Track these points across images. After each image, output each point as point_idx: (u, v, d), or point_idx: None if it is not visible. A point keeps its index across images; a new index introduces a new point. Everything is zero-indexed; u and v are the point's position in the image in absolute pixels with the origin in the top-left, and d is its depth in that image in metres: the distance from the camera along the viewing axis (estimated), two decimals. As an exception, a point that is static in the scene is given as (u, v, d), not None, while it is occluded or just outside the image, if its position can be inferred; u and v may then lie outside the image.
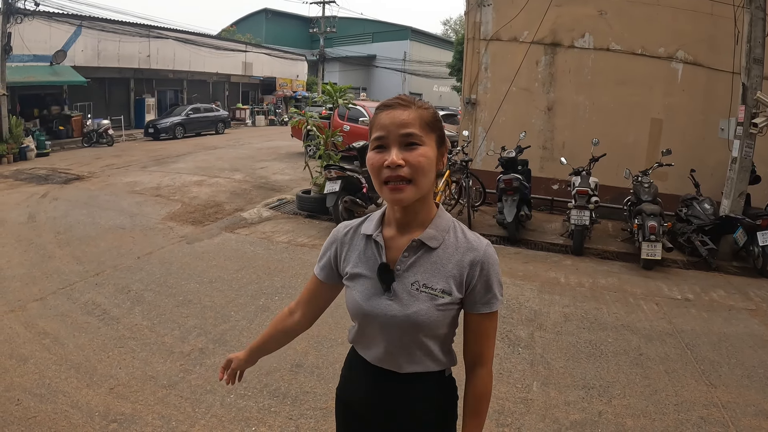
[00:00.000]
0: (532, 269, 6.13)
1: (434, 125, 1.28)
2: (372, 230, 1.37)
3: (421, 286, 1.29)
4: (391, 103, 1.28)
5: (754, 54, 6.33)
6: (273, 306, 4.77)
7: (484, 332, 1.34)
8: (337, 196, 7.36)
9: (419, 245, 1.31)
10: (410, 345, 1.32)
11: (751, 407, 3.36)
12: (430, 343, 1.33)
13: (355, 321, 1.42)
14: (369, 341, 1.39)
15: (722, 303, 5.28)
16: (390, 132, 1.23)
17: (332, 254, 1.46)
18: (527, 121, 8.96)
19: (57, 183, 10.87)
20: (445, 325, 1.32)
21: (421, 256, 1.31)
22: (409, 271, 1.31)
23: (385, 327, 1.32)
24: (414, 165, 1.22)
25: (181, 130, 20.96)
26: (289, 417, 3.11)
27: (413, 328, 1.29)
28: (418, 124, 1.24)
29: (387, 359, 1.35)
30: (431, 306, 1.28)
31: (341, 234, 1.45)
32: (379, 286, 1.32)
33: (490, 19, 9.21)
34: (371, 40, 40.57)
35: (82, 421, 3.00)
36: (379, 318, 1.32)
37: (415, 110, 1.26)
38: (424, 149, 1.24)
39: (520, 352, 4.04)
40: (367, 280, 1.35)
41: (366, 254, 1.37)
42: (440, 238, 1.31)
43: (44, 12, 17.49)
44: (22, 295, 4.91)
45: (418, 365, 1.34)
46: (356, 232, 1.43)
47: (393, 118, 1.24)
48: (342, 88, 9.16)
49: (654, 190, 6.73)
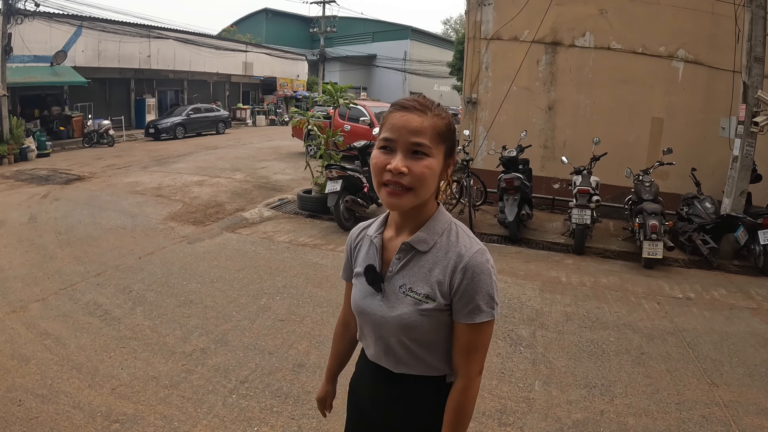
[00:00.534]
0: (533, 268, 6.13)
1: (446, 136, 1.25)
2: (373, 231, 1.39)
3: (407, 290, 1.29)
4: (408, 104, 1.24)
5: (755, 52, 6.32)
6: (274, 306, 4.77)
7: (466, 344, 1.27)
8: (338, 195, 7.36)
9: (408, 248, 1.30)
10: (398, 347, 1.32)
11: (753, 406, 3.36)
12: (415, 346, 1.30)
13: (356, 319, 1.45)
14: (366, 338, 1.42)
15: (724, 302, 5.28)
16: (400, 136, 1.21)
17: (348, 256, 1.51)
18: (528, 120, 8.96)
19: (58, 183, 10.88)
20: (429, 330, 1.28)
21: (411, 258, 1.31)
22: (399, 273, 1.31)
23: (375, 326, 1.34)
24: (417, 175, 1.20)
25: (181, 130, 20.95)
26: (291, 417, 3.11)
27: (400, 331, 1.29)
28: (430, 133, 1.21)
29: (381, 357, 1.38)
30: (415, 310, 1.26)
31: (354, 236, 1.51)
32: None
33: (490, 18, 9.21)
34: (371, 39, 40.53)
35: (84, 421, 3.01)
36: (371, 317, 1.34)
37: (430, 118, 1.22)
38: (429, 161, 1.21)
39: (522, 352, 4.04)
40: (365, 280, 1.37)
41: (368, 254, 1.39)
42: (431, 241, 1.29)
43: (44, 13, 17.49)
44: (24, 295, 4.92)
45: (407, 367, 1.34)
46: (365, 233, 1.46)
47: (406, 122, 1.21)
48: (342, 87, 9.17)
49: (655, 189, 6.73)
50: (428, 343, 1.30)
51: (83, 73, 19.15)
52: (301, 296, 5.03)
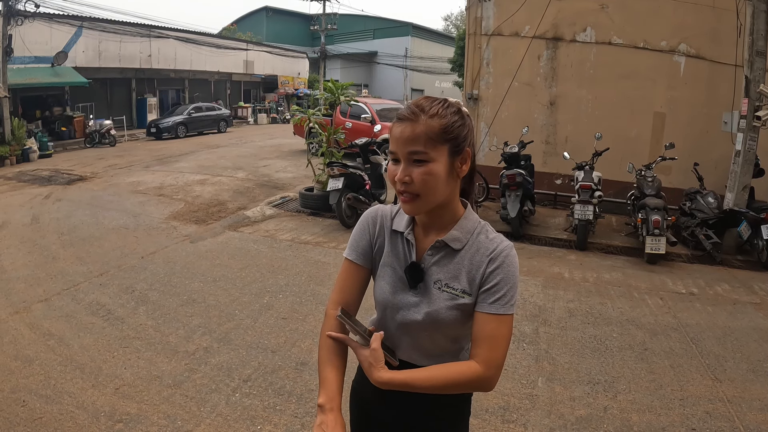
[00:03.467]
0: (536, 264, 6.12)
1: (443, 136, 1.23)
2: (404, 227, 1.38)
3: (443, 286, 1.31)
4: (402, 115, 1.26)
5: (757, 46, 6.29)
6: (277, 304, 4.77)
7: (489, 334, 1.25)
8: (340, 193, 7.35)
9: (442, 246, 1.33)
10: (427, 341, 1.35)
11: (757, 401, 3.35)
12: (446, 341, 1.35)
13: (378, 310, 1.43)
14: (389, 334, 1.40)
15: (727, 297, 5.26)
16: (398, 148, 1.25)
17: (370, 237, 1.42)
18: (530, 116, 8.93)
19: (60, 184, 10.90)
20: (461, 325, 1.32)
21: (444, 256, 1.33)
22: (432, 269, 1.33)
23: (406, 322, 1.34)
24: (418, 182, 1.23)
25: (183, 130, 20.97)
26: (294, 415, 3.12)
27: (432, 326, 1.31)
28: (424, 140, 1.21)
29: (404, 353, 1.38)
30: (451, 305, 1.30)
31: (379, 219, 1.43)
32: (405, 281, 1.35)
33: (491, 14, 9.18)
34: (372, 36, 40.45)
35: (87, 421, 3.02)
36: (403, 312, 1.34)
37: (422, 123, 1.22)
38: (428, 166, 1.22)
39: (525, 348, 4.03)
40: (395, 273, 1.37)
41: (397, 248, 1.39)
42: (464, 239, 1.32)
43: (45, 14, 17.51)
44: (27, 296, 4.93)
45: (433, 360, 1.35)
46: (386, 224, 1.42)
47: (401, 133, 1.24)
48: (344, 85, 9.15)
49: (657, 184, 6.71)
50: (458, 337, 1.36)
51: (84, 73, 19.16)
52: (303, 294, 5.03)
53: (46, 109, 19.03)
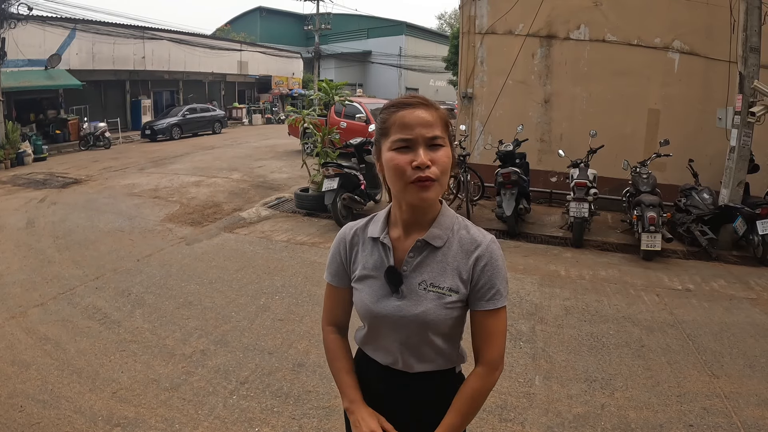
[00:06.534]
0: (532, 262, 6.13)
1: (448, 125, 1.29)
2: (378, 233, 1.37)
3: (428, 286, 1.30)
4: (411, 101, 1.27)
5: (751, 43, 6.31)
6: (273, 305, 4.76)
7: (487, 330, 1.31)
8: (336, 193, 7.35)
9: (423, 245, 1.32)
10: (420, 344, 1.34)
11: (754, 397, 3.36)
12: (438, 341, 1.34)
13: (364, 323, 1.42)
14: (379, 343, 1.40)
15: (723, 293, 5.28)
16: (416, 133, 1.22)
17: (342, 259, 1.44)
18: (524, 114, 8.94)
19: (55, 187, 10.85)
20: (452, 323, 1.32)
21: (426, 255, 1.32)
22: (416, 271, 1.32)
23: (395, 327, 1.33)
24: (441, 165, 1.23)
25: (178, 131, 20.92)
26: (292, 417, 3.11)
27: (422, 328, 1.31)
28: (441, 125, 1.25)
29: (397, 360, 1.37)
30: (439, 305, 1.29)
31: (348, 236, 1.44)
32: (388, 288, 1.33)
33: (485, 12, 9.19)
34: (366, 36, 40.41)
35: (85, 426, 3.00)
36: (389, 319, 1.33)
37: (435, 111, 1.26)
38: (446, 150, 1.25)
39: (522, 347, 4.04)
40: (375, 282, 1.35)
41: (373, 256, 1.37)
42: (444, 236, 1.32)
43: (38, 16, 17.42)
44: (23, 300, 4.91)
45: (428, 364, 1.36)
46: (362, 234, 1.42)
47: (419, 118, 1.23)
48: (338, 84, 9.14)
49: (653, 180, 6.73)
50: (449, 336, 1.35)
51: (78, 75, 19.07)
52: (300, 295, 5.02)
53: (41, 112, 18.92)
